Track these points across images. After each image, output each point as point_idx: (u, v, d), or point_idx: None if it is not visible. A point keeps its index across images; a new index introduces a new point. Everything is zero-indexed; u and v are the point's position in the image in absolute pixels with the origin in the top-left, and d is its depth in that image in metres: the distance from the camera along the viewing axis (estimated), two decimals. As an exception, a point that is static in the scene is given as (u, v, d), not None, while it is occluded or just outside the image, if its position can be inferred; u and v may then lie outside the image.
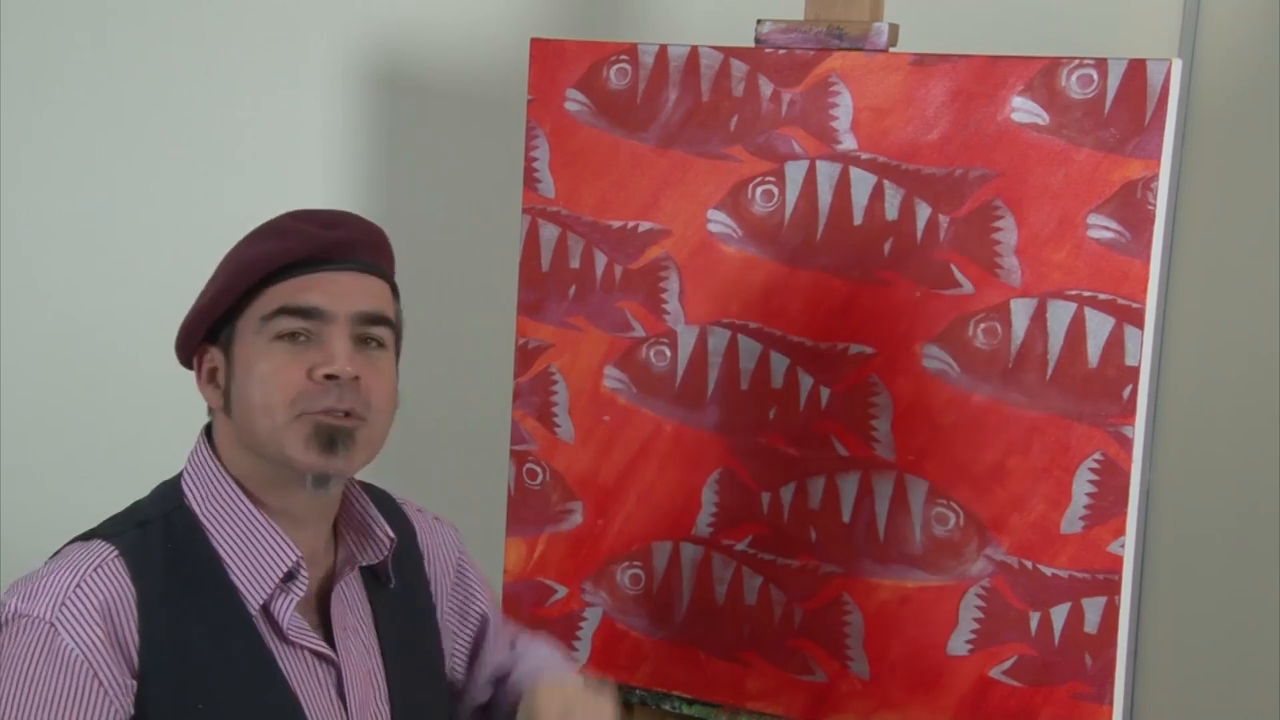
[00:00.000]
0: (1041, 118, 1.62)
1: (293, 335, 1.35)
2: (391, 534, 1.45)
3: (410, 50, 2.54)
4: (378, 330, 1.38)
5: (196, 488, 1.38)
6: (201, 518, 1.36)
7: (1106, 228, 1.61)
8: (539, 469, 1.88)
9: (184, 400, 2.70)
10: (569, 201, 1.84)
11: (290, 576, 1.37)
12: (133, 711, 1.28)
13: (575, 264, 1.84)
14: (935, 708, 1.71)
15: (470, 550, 2.31)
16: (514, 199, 1.88)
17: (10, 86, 2.76)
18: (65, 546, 1.36)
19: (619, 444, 1.84)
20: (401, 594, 1.51)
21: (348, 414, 1.34)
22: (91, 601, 1.28)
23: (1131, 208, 1.59)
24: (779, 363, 1.76)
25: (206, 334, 1.39)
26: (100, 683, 1.26)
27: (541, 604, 1.89)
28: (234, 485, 1.37)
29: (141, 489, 1.48)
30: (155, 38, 2.68)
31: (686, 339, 1.80)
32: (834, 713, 1.76)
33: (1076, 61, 1.61)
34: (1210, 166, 2.16)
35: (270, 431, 1.34)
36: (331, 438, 1.34)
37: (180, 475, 1.41)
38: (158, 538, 1.34)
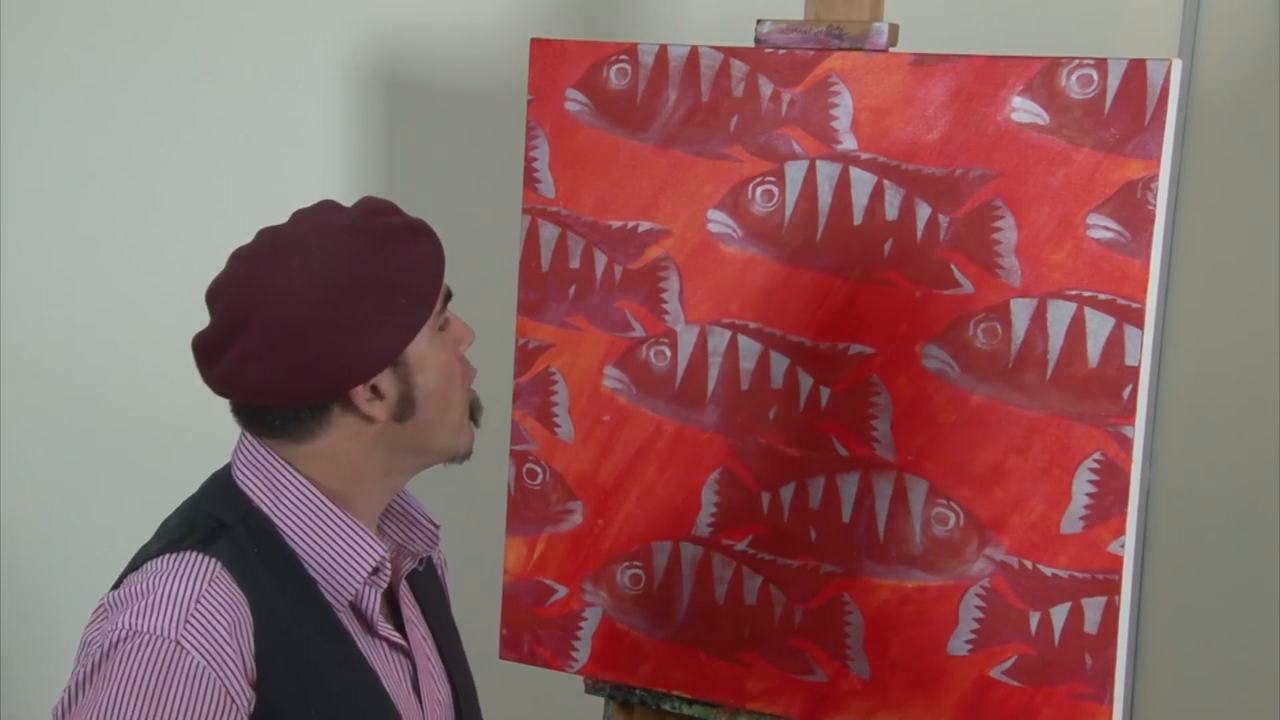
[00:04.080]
0: (1041, 118, 1.62)
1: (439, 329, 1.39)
2: (436, 521, 1.48)
3: (410, 50, 2.54)
4: None
5: (263, 490, 1.35)
6: (275, 520, 1.34)
7: (1106, 228, 1.61)
8: (539, 469, 1.88)
9: (186, 400, 2.71)
10: (569, 201, 1.84)
11: (375, 570, 1.37)
12: None
13: (575, 264, 1.84)
14: (935, 708, 1.71)
15: (470, 550, 2.32)
16: (514, 199, 1.88)
17: (10, 86, 2.76)
18: (152, 561, 1.30)
19: (619, 444, 1.84)
20: (430, 578, 1.55)
21: None
22: (217, 617, 1.25)
23: (1131, 208, 1.59)
24: (779, 363, 1.76)
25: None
26: (230, 696, 1.24)
27: (541, 604, 1.89)
28: (309, 486, 1.34)
29: (142, 489, 1.48)
30: (155, 38, 2.68)
31: (686, 339, 1.80)
32: (834, 713, 1.76)
33: (1076, 61, 1.61)
34: (1210, 166, 2.16)
35: (458, 426, 1.38)
36: (474, 412, 1.42)
37: (229, 480, 1.37)
38: (245, 543, 1.31)
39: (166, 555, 1.30)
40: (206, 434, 2.44)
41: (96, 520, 2.79)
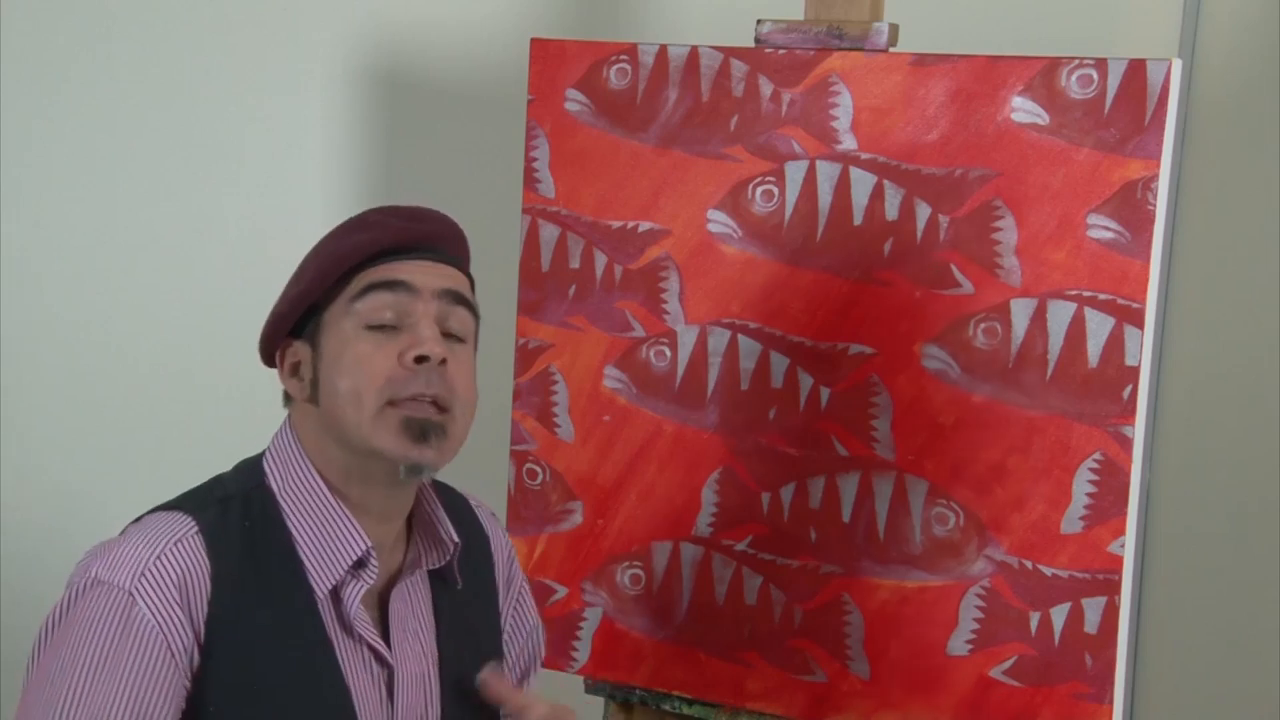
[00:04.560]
0: (1041, 118, 1.62)
1: (382, 327, 1.38)
2: (456, 538, 1.47)
3: (410, 50, 2.54)
4: (460, 313, 1.41)
5: (277, 469, 1.41)
6: (279, 498, 1.39)
7: (1106, 228, 1.61)
8: (539, 469, 1.88)
9: (187, 399, 2.71)
10: (569, 201, 1.84)
11: (360, 564, 1.39)
12: (189, 686, 1.32)
13: (575, 264, 1.84)
14: (935, 708, 1.71)
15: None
16: (514, 199, 1.88)
17: (11, 87, 2.76)
18: (147, 515, 1.38)
19: (619, 444, 1.84)
20: (470, 600, 1.52)
21: (434, 402, 1.37)
22: (170, 575, 1.31)
23: (1131, 208, 1.59)
24: (779, 363, 1.76)
25: (291, 328, 1.42)
26: (172, 654, 1.30)
27: (541, 604, 1.88)
28: (313, 471, 1.40)
29: (143, 488, 1.48)
30: (155, 38, 2.68)
31: (686, 339, 1.80)
32: (834, 713, 1.76)
33: (1076, 61, 1.61)
34: (1210, 166, 2.16)
35: (359, 421, 1.36)
36: (424, 429, 1.36)
37: (262, 455, 1.44)
38: (236, 515, 1.38)
39: (158, 513, 1.38)
40: (208, 432, 2.44)
41: (99, 519, 2.79)
